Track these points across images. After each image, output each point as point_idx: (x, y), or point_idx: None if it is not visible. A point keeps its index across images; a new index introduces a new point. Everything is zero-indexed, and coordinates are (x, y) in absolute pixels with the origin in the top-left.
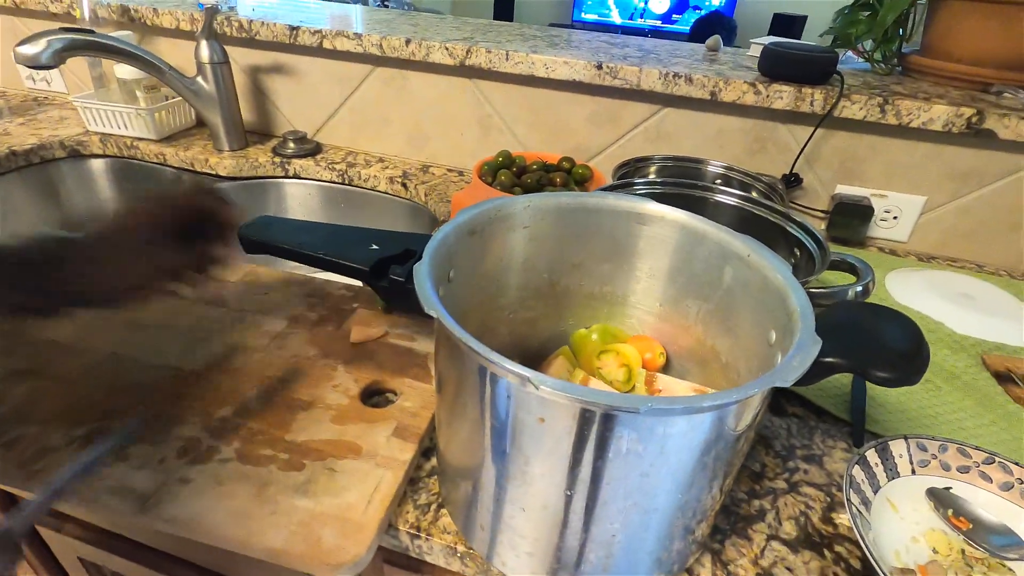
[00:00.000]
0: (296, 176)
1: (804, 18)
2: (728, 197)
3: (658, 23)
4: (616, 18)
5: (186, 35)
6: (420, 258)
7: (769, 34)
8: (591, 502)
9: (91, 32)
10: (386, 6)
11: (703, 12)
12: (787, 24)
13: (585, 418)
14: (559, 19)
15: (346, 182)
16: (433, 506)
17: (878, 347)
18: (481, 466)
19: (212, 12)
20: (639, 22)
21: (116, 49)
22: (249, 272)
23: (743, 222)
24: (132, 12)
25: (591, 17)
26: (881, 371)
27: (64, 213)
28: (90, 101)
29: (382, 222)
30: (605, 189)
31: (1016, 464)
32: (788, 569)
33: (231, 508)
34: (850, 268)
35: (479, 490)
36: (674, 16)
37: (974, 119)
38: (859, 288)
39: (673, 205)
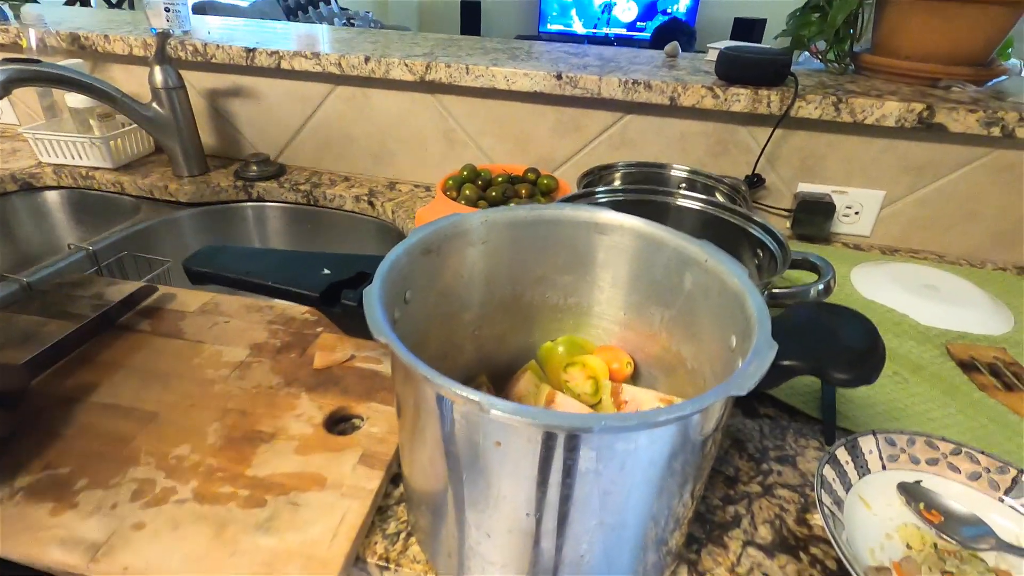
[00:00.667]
0: (260, 199)
1: (763, 21)
2: (690, 201)
3: (623, 31)
4: (579, 28)
5: (140, 61)
6: (372, 282)
7: (731, 39)
8: (556, 524)
9: (38, 62)
10: (352, 24)
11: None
12: (747, 28)
13: (541, 440)
14: (526, 31)
15: (311, 203)
16: (402, 535)
17: (835, 348)
18: (444, 492)
19: (164, 36)
20: (604, 31)
21: (65, 78)
22: (208, 301)
23: (706, 225)
24: (82, 39)
25: (556, 27)
26: (839, 372)
27: (19, 249)
28: (41, 132)
29: (349, 241)
30: (567, 199)
31: (982, 453)
32: (765, 575)
33: (189, 552)
34: (812, 267)
35: (444, 516)
36: (639, 24)
37: (924, 114)
38: (820, 286)
39: (636, 212)
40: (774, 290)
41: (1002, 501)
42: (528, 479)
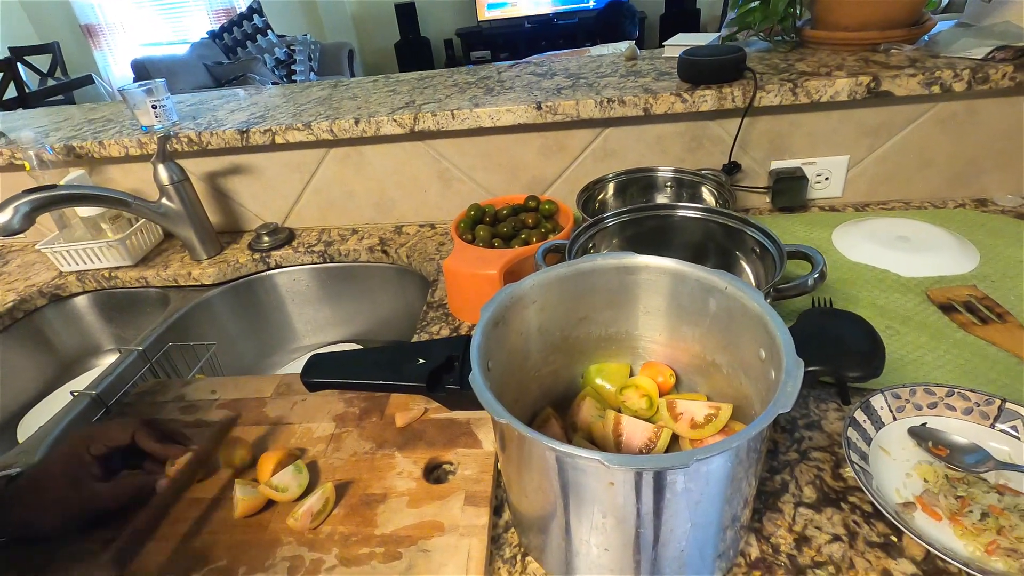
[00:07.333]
0: (278, 266)
1: None
2: (690, 211)
3: (563, 7)
4: (520, 11)
5: (136, 159)
6: (469, 366)
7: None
8: (660, 533)
9: (53, 187)
10: (292, 51)
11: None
12: None
13: (652, 478)
14: (465, 23)
15: (327, 260)
16: (518, 557)
17: (845, 352)
18: (559, 521)
19: (164, 140)
20: (546, 10)
21: (82, 196)
22: (280, 383)
23: (708, 232)
24: (77, 149)
25: (496, 15)
26: (852, 372)
27: (59, 357)
28: (59, 245)
29: (374, 290)
30: (580, 229)
31: (971, 391)
32: (817, 528)
33: None
34: (804, 256)
35: (559, 538)
36: None
37: (872, 85)
38: (816, 275)
39: (643, 228)
40: (779, 285)
41: (993, 427)
42: (634, 505)
